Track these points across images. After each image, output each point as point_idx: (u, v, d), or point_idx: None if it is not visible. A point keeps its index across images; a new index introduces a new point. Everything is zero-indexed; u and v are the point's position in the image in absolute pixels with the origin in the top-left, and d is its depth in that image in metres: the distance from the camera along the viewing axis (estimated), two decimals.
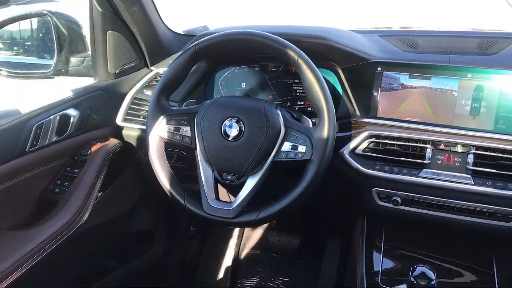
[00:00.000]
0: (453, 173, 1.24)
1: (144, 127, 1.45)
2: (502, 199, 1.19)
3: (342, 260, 1.96)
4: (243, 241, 2.20)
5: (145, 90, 1.60)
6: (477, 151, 1.22)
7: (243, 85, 1.52)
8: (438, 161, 1.26)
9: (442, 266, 1.28)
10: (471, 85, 1.25)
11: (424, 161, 1.26)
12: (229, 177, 1.21)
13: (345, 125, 1.34)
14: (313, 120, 1.31)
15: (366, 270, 1.32)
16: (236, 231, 2.22)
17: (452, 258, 1.32)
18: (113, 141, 1.58)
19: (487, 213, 1.23)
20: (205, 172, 1.22)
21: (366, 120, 1.33)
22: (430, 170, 1.25)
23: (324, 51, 1.37)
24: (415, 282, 1.22)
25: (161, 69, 1.61)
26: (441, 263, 1.29)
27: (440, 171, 1.25)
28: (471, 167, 1.22)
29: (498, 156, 1.20)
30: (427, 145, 1.26)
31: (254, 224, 1.21)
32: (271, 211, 1.17)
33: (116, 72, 1.57)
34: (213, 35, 1.25)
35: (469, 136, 1.24)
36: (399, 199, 1.30)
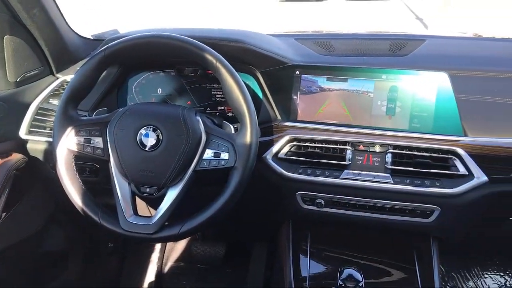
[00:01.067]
0: (373, 173, 1.26)
1: (51, 139, 1.33)
2: (420, 196, 1.23)
3: (269, 265, 1.94)
4: (166, 254, 2.11)
5: (51, 100, 1.48)
6: (394, 150, 1.25)
7: (159, 91, 1.45)
8: (358, 162, 1.27)
9: (368, 266, 1.30)
10: (386, 86, 1.28)
11: (345, 162, 1.27)
12: (148, 189, 1.13)
13: (267, 130, 1.32)
14: (235, 126, 1.28)
15: (294, 275, 1.31)
16: (158, 244, 2.13)
17: (377, 257, 1.34)
18: (16, 156, 1.44)
19: (407, 210, 1.26)
20: (120, 186, 1.14)
21: (287, 124, 1.32)
22: (351, 171, 1.27)
23: (242, 54, 1.34)
24: (343, 285, 1.22)
25: (68, 76, 1.50)
26: (367, 263, 1.31)
27: (360, 172, 1.26)
28: (390, 166, 1.24)
29: (414, 154, 1.23)
30: (347, 147, 1.27)
31: (177, 239, 1.14)
32: (195, 223, 1.12)
33: (17, 80, 1.43)
34: (123, 38, 1.17)
35: (386, 136, 1.26)
36: (322, 201, 1.30)
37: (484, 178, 1.19)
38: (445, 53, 1.45)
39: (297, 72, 1.33)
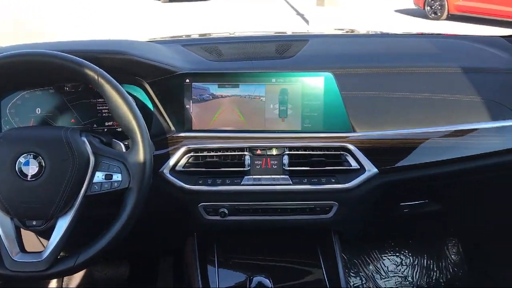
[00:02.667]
0: (272, 176, 1.26)
1: None
2: (318, 194, 1.26)
3: (177, 279, 1.89)
4: (64, 283, 1.96)
5: None
6: (290, 152, 1.27)
7: (38, 111, 1.32)
8: (257, 167, 1.27)
9: (276, 270, 1.31)
10: (276, 89, 1.29)
11: (245, 168, 1.26)
12: (34, 223, 1.03)
13: (161, 143, 1.27)
14: (126, 143, 1.21)
15: (203, 287, 1.28)
16: None
17: (284, 258, 1.36)
18: None
19: (307, 209, 1.29)
20: (1, 222, 1.02)
21: (182, 134, 1.28)
22: (251, 177, 1.26)
23: (127, 66, 1.27)
24: None
25: None
26: (275, 265, 1.32)
27: (260, 176, 1.26)
28: (287, 168, 1.26)
29: (309, 154, 1.26)
30: (245, 152, 1.27)
31: (73, 272, 1.05)
32: (92, 252, 1.04)
33: None
34: None
35: (281, 138, 1.28)
36: (226, 210, 1.28)
37: (375, 170, 1.26)
38: (327, 53, 1.51)
39: (187, 81, 1.29)
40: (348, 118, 1.28)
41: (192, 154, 1.26)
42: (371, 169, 1.26)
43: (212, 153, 1.26)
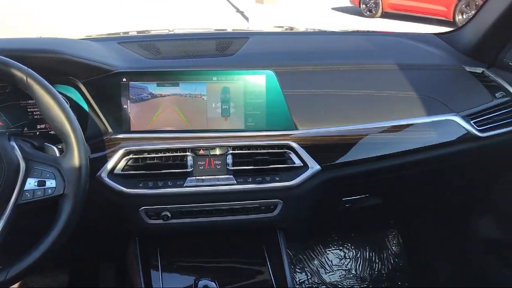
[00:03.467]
0: (216, 177, 1.24)
1: None
2: (263, 193, 1.25)
3: (119, 285, 1.82)
4: None
5: None
6: (234, 151, 1.25)
7: None
8: (200, 167, 1.24)
9: (222, 272, 1.29)
10: (218, 88, 1.27)
11: (187, 170, 1.23)
12: None
13: (98, 145, 1.21)
14: (60, 146, 1.14)
15: None
16: None
17: (230, 259, 1.34)
18: None
19: (252, 208, 1.28)
20: None
21: (120, 136, 1.23)
22: (194, 178, 1.23)
23: (59, 66, 1.20)
24: None
25: None
26: (220, 269, 1.30)
27: (204, 177, 1.24)
28: (232, 168, 1.24)
29: (252, 152, 1.25)
30: (187, 153, 1.24)
31: (5, 286, 0.98)
32: (24, 265, 0.97)
33: None
34: None
35: (224, 137, 1.26)
36: (168, 214, 1.24)
37: (317, 167, 1.27)
38: (268, 51, 1.50)
39: (124, 80, 1.24)
40: (291, 116, 1.28)
41: (131, 156, 1.21)
42: (314, 166, 1.26)
43: (152, 155, 1.22)
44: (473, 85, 1.48)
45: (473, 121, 1.40)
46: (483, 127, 1.40)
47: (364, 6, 11.20)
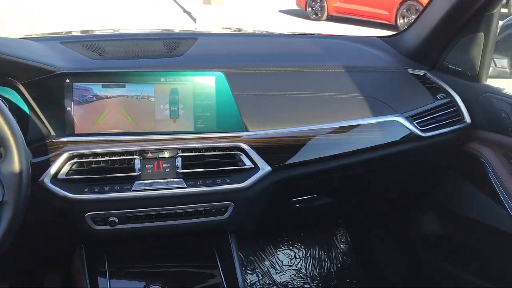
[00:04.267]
0: (165, 180, 1.22)
1: None
2: (214, 195, 1.24)
3: None
4: None
5: None
6: (183, 154, 1.23)
7: None
8: (148, 171, 1.21)
9: (173, 277, 1.27)
10: (166, 88, 1.25)
11: (135, 173, 1.19)
12: None
13: (40, 149, 1.16)
14: None
15: None
16: None
17: (180, 264, 1.31)
18: None
19: (203, 211, 1.26)
20: None
21: (63, 139, 1.17)
22: (142, 182, 1.20)
23: None
24: None
25: None
26: (171, 274, 1.28)
27: (152, 181, 1.21)
28: (181, 170, 1.22)
29: (202, 155, 1.24)
30: (135, 156, 1.20)
31: None
32: None
33: None
34: None
35: (173, 140, 1.23)
36: (116, 219, 1.20)
37: (268, 168, 1.27)
38: (218, 52, 1.49)
39: (68, 81, 1.19)
40: (241, 118, 1.27)
41: (75, 160, 1.17)
42: (264, 167, 1.27)
43: (98, 158, 1.18)
44: (415, 87, 1.54)
45: (416, 121, 1.45)
46: (425, 128, 1.45)
47: (310, 9, 11.39)
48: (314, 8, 11.33)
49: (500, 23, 1.56)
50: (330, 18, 11.14)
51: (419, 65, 1.61)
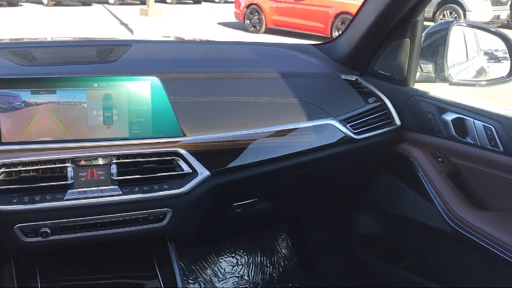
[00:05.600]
0: (99, 188, 1.18)
1: None
2: (151, 202, 1.22)
3: None
4: None
5: None
6: (118, 160, 1.20)
7: None
8: (82, 179, 1.18)
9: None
10: (99, 94, 1.22)
11: (67, 182, 1.15)
12: None
13: None
14: None
15: None
16: None
17: (118, 273, 1.27)
18: None
19: (140, 219, 1.23)
20: None
21: None
22: (76, 190, 1.16)
23: None
24: None
25: None
26: (108, 285, 1.23)
27: (86, 189, 1.17)
28: (116, 178, 1.19)
29: (138, 161, 1.21)
30: (67, 164, 1.16)
31: None
32: None
33: None
34: None
35: (107, 146, 1.20)
36: (48, 230, 1.15)
37: (207, 173, 1.26)
38: (153, 57, 1.48)
39: None
40: (178, 123, 1.26)
41: (3, 170, 1.11)
42: (203, 172, 1.26)
43: (27, 167, 1.13)
44: (348, 92, 1.59)
45: (349, 124, 1.50)
46: (358, 130, 1.51)
47: (248, 21, 11.55)
48: (252, 21, 11.50)
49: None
50: (268, 31, 11.35)
51: (351, 71, 1.68)
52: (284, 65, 1.60)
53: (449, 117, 1.47)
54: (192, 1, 20.37)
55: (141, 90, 1.25)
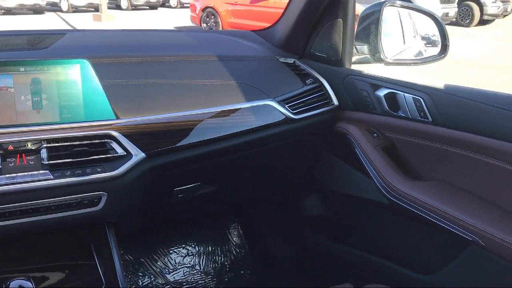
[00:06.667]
0: (29, 173, 1.15)
1: None
2: (84, 185, 1.20)
3: None
4: None
5: None
6: (49, 145, 1.17)
7: None
8: (10, 164, 1.14)
9: (41, 272, 1.19)
10: (26, 79, 1.19)
11: None
12: None
13: None
14: None
15: None
16: None
17: (55, 262, 1.24)
18: None
19: (74, 203, 1.21)
20: None
21: None
22: (4, 176, 1.13)
23: None
24: None
25: None
26: (40, 269, 1.20)
27: (15, 174, 1.14)
28: (47, 162, 1.16)
29: (70, 144, 1.19)
30: None
31: None
32: None
33: None
34: None
35: (37, 131, 1.18)
36: None
37: (142, 154, 1.25)
38: (86, 44, 1.46)
39: None
40: (111, 106, 1.25)
41: None
42: (138, 154, 1.25)
43: None
44: (286, 74, 1.62)
45: (288, 105, 1.52)
46: (296, 110, 1.53)
47: (205, 25, 11.53)
48: (208, 24, 11.48)
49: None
50: None
51: (289, 54, 1.70)
52: (222, 49, 1.61)
53: (382, 92, 1.51)
54: (148, 7, 20.15)
55: (70, 74, 1.23)
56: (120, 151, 1.23)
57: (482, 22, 14.17)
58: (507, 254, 1.18)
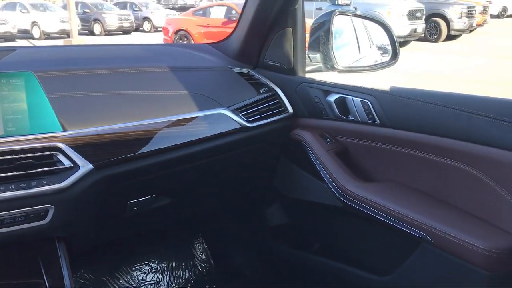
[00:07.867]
0: None
1: None
2: (30, 199, 1.17)
3: None
4: None
5: None
6: None
7: None
8: None
9: None
10: None
11: None
12: None
13: None
14: None
15: None
16: None
17: (1, 279, 1.20)
18: None
19: (20, 218, 1.18)
20: None
21: None
22: None
23: None
24: None
25: None
26: None
27: None
28: None
29: (15, 158, 1.17)
30: None
31: None
32: None
33: None
34: None
35: None
36: None
37: (90, 166, 1.24)
38: (34, 58, 1.46)
39: None
40: (57, 118, 1.24)
41: None
42: (85, 165, 1.23)
43: None
44: (240, 84, 1.63)
45: (242, 113, 1.53)
46: (251, 119, 1.54)
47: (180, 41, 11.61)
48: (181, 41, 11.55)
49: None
50: None
51: (244, 65, 1.72)
52: (175, 61, 1.62)
53: (332, 98, 1.53)
54: (121, 32, 20.16)
55: (14, 87, 1.21)
56: (67, 163, 1.22)
57: (450, 37, 14.57)
58: (455, 249, 1.19)
